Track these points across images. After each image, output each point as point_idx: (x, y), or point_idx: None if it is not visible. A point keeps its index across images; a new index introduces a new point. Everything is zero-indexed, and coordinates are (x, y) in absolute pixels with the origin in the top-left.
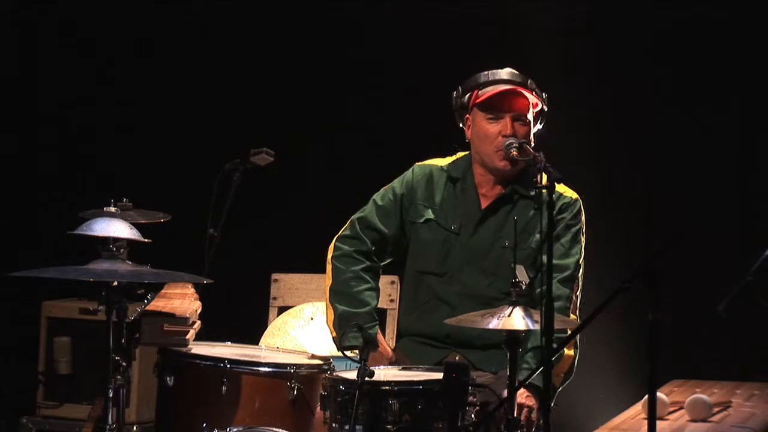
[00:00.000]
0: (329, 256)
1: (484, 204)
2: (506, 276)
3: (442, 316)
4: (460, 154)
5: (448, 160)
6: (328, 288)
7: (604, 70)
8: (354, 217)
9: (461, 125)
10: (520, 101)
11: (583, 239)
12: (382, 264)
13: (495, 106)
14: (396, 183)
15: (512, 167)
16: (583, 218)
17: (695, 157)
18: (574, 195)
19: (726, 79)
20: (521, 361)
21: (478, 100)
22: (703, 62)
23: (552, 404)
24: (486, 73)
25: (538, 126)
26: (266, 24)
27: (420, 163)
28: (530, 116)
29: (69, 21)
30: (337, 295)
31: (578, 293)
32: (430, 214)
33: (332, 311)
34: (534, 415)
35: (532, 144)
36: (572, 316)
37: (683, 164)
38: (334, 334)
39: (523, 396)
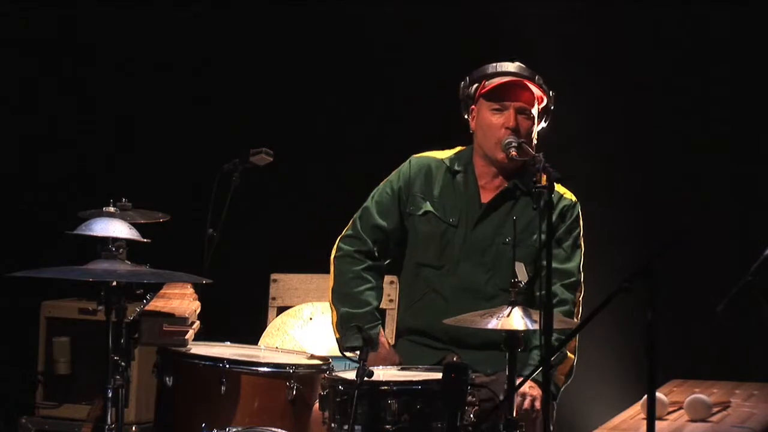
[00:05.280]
0: (332, 256)
1: (485, 197)
2: (504, 272)
3: (437, 310)
4: (460, 147)
5: (447, 153)
6: (330, 289)
7: (605, 70)
8: (355, 215)
9: (466, 116)
10: (525, 94)
11: (582, 243)
12: (386, 262)
13: (500, 96)
14: (393, 177)
15: (512, 162)
16: (581, 222)
17: (695, 156)
18: (574, 198)
19: (726, 77)
20: (528, 357)
21: (483, 90)
22: (703, 61)
23: (556, 402)
24: (494, 64)
25: (543, 124)
26: (265, 24)
27: (416, 155)
28: (534, 111)
29: (70, 23)
30: (339, 296)
31: (581, 298)
32: (428, 206)
33: (335, 312)
34: (537, 404)
35: (534, 141)
36: (576, 320)
37: (683, 164)
38: (337, 335)
39: (526, 386)
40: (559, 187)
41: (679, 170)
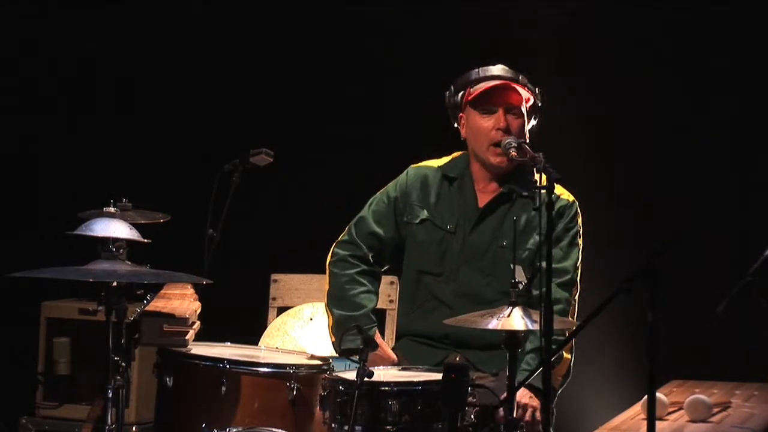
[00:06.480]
0: (327, 261)
1: (482, 201)
2: (504, 276)
3: (440, 316)
4: (457, 153)
5: (444, 160)
6: (326, 293)
7: (604, 70)
8: (351, 222)
9: (456, 125)
10: (512, 95)
11: (580, 242)
12: (382, 269)
13: (487, 101)
14: (390, 186)
15: (508, 164)
16: (580, 221)
17: (695, 156)
18: (571, 198)
19: (726, 77)
20: (521, 362)
21: (470, 98)
22: (702, 61)
23: (553, 405)
24: (477, 70)
25: (533, 122)
26: (265, 24)
27: (414, 165)
28: (523, 109)
29: (70, 23)
30: (334, 300)
31: (576, 296)
32: (425, 214)
33: (330, 316)
34: (538, 415)
35: (528, 139)
36: (571, 318)
37: (683, 164)
38: (333, 338)
39: (526, 397)
40: (557, 188)
41: (679, 171)
